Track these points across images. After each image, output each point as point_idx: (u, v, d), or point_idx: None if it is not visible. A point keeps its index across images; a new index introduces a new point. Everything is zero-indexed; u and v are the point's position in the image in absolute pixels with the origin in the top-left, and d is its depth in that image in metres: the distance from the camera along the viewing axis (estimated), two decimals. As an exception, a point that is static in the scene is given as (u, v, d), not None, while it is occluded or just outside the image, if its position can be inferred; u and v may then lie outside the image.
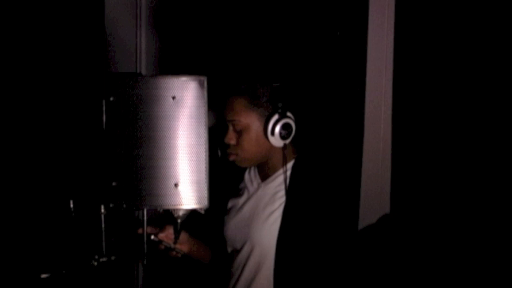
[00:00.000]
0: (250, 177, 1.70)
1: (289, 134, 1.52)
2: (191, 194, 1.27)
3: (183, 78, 1.27)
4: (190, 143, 1.26)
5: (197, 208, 1.30)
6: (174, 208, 1.31)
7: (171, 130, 1.26)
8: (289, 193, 1.54)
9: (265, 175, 1.65)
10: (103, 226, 1.35)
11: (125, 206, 1.28)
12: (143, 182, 1.27)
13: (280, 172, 1.60)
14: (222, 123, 1.60)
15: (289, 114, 1.53)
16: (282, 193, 1.57)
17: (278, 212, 1.55)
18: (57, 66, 2.45)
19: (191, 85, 1.26)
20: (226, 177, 1.74)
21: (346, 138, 1.97)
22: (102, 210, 1.34)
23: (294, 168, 1.59)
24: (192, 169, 1.27)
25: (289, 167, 1.59)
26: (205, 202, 1.28)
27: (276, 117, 1.51)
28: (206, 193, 1.27)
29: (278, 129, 1.50)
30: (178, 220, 1.42)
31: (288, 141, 1.53)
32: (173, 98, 1.26)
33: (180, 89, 1.26)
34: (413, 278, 1.76)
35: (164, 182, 1.26)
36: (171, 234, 1.51)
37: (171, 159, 1.26)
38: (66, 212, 1.39)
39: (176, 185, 1.26)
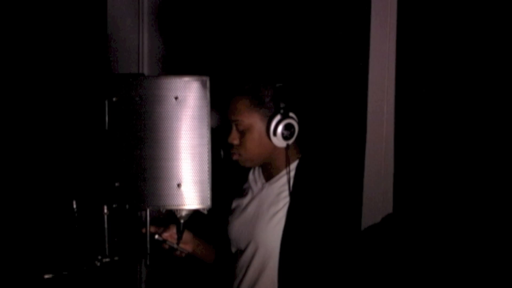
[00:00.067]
0: (254, 177, 1.70)
1: (291, 135, 1.52)
2: (194, 194, 1.27)
3: (186, 79, 1.26)
4: (192, 144, 1.26)
5: (200, 208, 1.29)
6: (177, 208, 1.31)
7: (174, 130, 1.26)
8: (293, 193, 1.54)
9: (269, 175, 1.65)
10: (106, 226, 1.35)
11: (128, 206, 1.28)
12: (146, 182, 1.26)
13: (284, 172, 1.60)
14: (226, 123, 1.60)
15: (291, 114, 1.53)
16: (286, 193, 1.56)
17: (282, 212, 1.55)
18: (60, 67, 2.46)
19: (194, 85, 1.26)
20: (230, 177, 1.74)
21: (349, 138, 1.97)
22: (105, 211, 1.34)
23: (298, 168, 1.59)
24: (195, 169, 1.26)
25: (293, 168, 1.59)
26: (208, 203, 1.28)
27: (278, 117, 1.51)
28: (209, 193, 1.27)
29: (280, 129, 1.50)
30: (181, 220, 1.42)
31: (291, 141, 1.53)
32: (175, 98, 1.26)
33: (182, 89, 1.26)
34: (416, 278, 1.76)
35: (167, 182, 1.26)
36: (175, 234, 1.52)
37: (174, 160, 1.26)
38: (69, 212, 1.39)
39: (179, 185, 1.26)
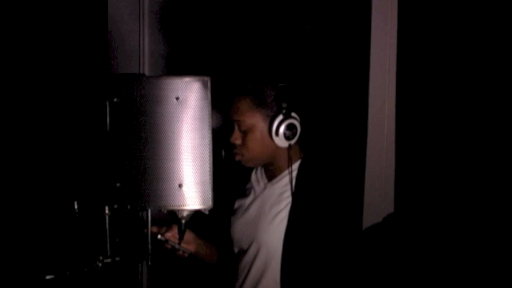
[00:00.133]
0: (257, 177, 1.70)
1: (293, 135, 1.52)
2: (195, 194, 1.27)
3: (187, 79, 1.26)
4: (194, 144, 1.26)
5: (201, 209, 1.30)
6: (178, 209, 1.31)
7: (175, 131, 1.26)
8: (295, 193, 1.54)
9: (271, 175, 1.65)
10: (108, 227, 1.35)
11: (129, 207, 1.28)
12: (147, 183, 1.26)
13: (286, 172, 1.60)
14: (228, 123, 1.60)
15: (294, 114, 1.53)
16: (288, 193, 1.56)
17: (284, 212, 1.55)
18: (60, 67, 2.46)
19: (195, 85, 1.26)
20: (232, 177, 1.74)
21: (350, 138, 1.97)
22: (107, 211, 1.34)
23: (300, 168, 1.59)
24: (196, 170, 1.26)
25: (295, 168, 1.59)
26: (209, 203, 1.28)
27: (280, 117, 1.51)
28: (210, 193, 1.27)
29: (282, 129, 1.50)
30: (182, 220, 1.42)
31: (293, 141, 1.53)
32: (176, 98, 1.26)
33: (183, 89, 1.26)
34: (417, 277, 1.76)
35: (168, 183, 1.26)
36: (177, 234, 1.51)
37: (175, 160, 1.26)
38: (70, 213, 1.39)
39: (180, 185, 1.26)
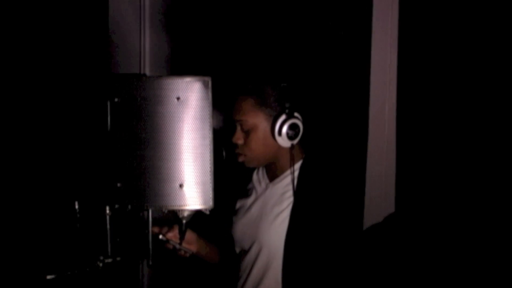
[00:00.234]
0: (258, 177, 1.70)
1: (296, 135, 1.52)
2: (196, 194, 1.27)
3: (188, 79, 1.26)
4: (194, 144, 1.26)
5: (202, 208, 1.29)
6: (179, 209, 1.31)
7: (176, 131, 1.26)
8: (296, 193, 1.54)
9: (273, 176, 1.65)
10: (108, 227, 1.35)
11: (130, 207, 1.28)
12: (148, 183, 1.26)
13: (288, 172, 1.60)
14: (230, 123, 1.60)
15: (296, 114, 1.52)
16: (290, 193, 1.56)
17: (286, 212, 1.55)
18: (61, 67, 2.46)
19: (196, 85, 1.26)
20: (234, 177, 1.74)
21: (351, 138, 1.97)
22: (107, 211, 1.34)
23: (302, 168, 1.59)
24: (197, 170, 1.26)
25: (297, 168, 1.59)
26: (210, 203, 1.28)
27: (283, 117, 1.51)
28: (211, 193, 1.27)
29: (285, 129, 1.50)
30: (183, 220, 1.42)
31: (295, 141, 1.53)
32: (177, 99, 1.26)
33: (184, 89, 1.26)
34: (418, 277, 1.76)
35: (169, 183, 1.26)
36: (178, 234, 1.51)
37: (176, 160, 1.26)
38: (71, 213, 1.39)
39: (181, 185, 1.26)
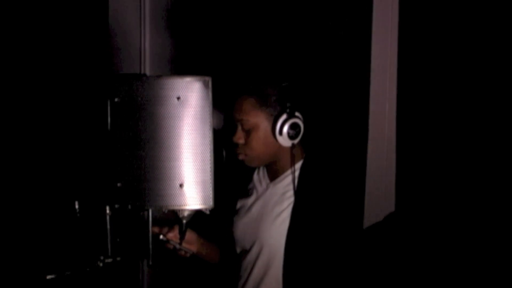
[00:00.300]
0: (259, 177, 1.70)
1: (297, 134, 1.52)
2: (196, 194, 1.27)
3: (188, 79, 1.26)
4: (195, 144, 1.26)
5: (202, 208, 1.29)
6: (179, 208, 1.31)
7: (176, 130, 1.26)
8: (297, 193, 1.54)
9: (274, 175, 1.65)
10: (108, 227, 1.35)
11: (130, 207, 1.28)
12: (148, 182, 1.26)
13: (289, 172, 1.60)
14: (231, 123, 1.60)
15: (297, 114, 1.52)
16: (290, 193, 1.56)
17: (286, 212, 1.55)
18: (61, 67, 2.46)
19: (196, 85, 1.26)
20: (235, 177, 1.74)
21: (351, 137, 1.97)
22: (107, 211, 1.34)
23: (302, 168, 1.59)
24: (197, 169, 1.26)
25: (297, 167, 1.59)
26: (210, 203, 1.27)
27: (284, 117, 1.51)
28: (211, 193, 1.27)
29: (286, 129, 1.50)
30: (183, 220, 1.42)
31: (296, 141, 1.53)
32: (177, 98, 1.26)
33: (184, 89, 1.26)
34: (418, 276, 1.76)
35: (169, 182, 1.26)
36: (179, 234, 1.51)
37: (176, 160, 1.26)
38: (71, 213, 1.39)
39: (181, 185, 1.26)
